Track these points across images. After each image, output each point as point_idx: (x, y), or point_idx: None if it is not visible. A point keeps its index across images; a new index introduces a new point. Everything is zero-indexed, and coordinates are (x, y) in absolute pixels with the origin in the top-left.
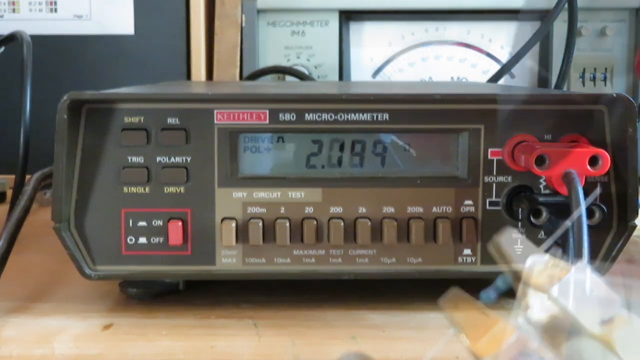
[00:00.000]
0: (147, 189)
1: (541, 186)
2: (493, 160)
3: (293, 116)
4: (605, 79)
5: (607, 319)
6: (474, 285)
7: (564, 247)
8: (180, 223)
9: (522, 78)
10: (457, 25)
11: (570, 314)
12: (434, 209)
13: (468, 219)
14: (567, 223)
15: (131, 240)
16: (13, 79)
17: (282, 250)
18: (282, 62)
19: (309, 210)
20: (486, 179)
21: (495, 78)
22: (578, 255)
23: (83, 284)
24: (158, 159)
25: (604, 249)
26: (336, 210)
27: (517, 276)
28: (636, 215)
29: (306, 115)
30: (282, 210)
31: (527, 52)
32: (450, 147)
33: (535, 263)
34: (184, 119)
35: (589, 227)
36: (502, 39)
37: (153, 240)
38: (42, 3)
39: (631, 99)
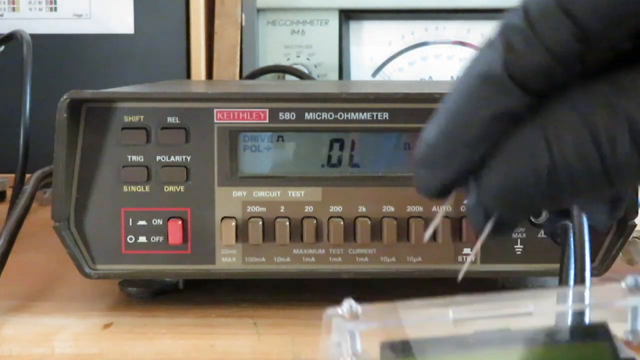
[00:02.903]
0: (147, 188)
1: None
2: None
3: (293, 115)
4: None
5: None
6: (473, 284)
7: (564, 247)
8: (180, 222)
9: None
10: (456, 24)
11: None
12: (434, 208)
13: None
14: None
15: (131, 239)
16: (13, 78)
17: (282, 249)
18: (282, 61)
19: (308, 209)
20: None
21: None
22: (579, 255)
23: (83, 283)
24: (158, 158)
25: (603, 249)
26: (336, 209)
27: None
28: (636, 214)
29: (306, 114)
30: (282, 209)
31: None
32: None
33: None
34: (183, 118)
35: (589, 226)
36: None
37: (153, 239)
38: (42, 2)
39: None
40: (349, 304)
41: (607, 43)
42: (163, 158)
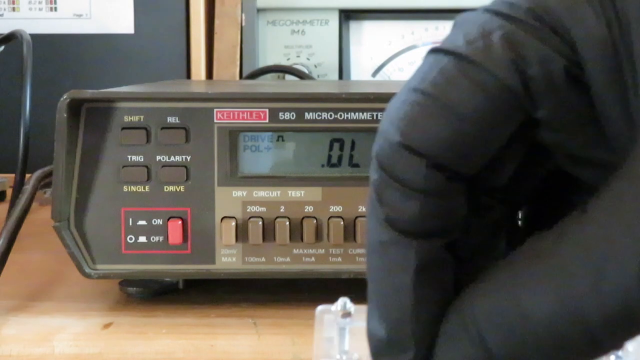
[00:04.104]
0: (147, 188)
1: None
2: None
3: (293, 115)
4: None
5: None
6: None
7: None
8: (180, 222)
9: None
10: None
11: None
12: None
13: None
14: None
15: (131, 239)
16: (13, 78)
17: (282, 249)
18: (282, 61)
19: (308, 209)
20: None
21: None
22: None
23: (83, 282)
24: (158, 157)
25: None
26: (336, 209)
27: None
28: None
29: (306, 114)
30: (282, 209)
31: None
32: None
33: None
34: (183, 118)
35: None
36: None
37: (153, 239)
38: (42, 2)
39: None
40: (343, 302)
41: (468, 165)
42: (163, 158)
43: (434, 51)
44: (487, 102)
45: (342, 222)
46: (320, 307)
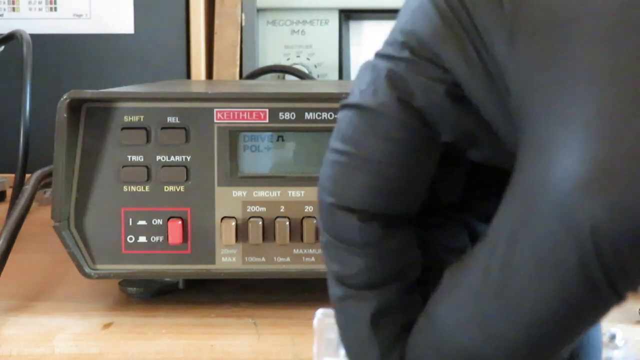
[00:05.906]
0: (147, 188)
1: None
2: None
3: (293, 115)
4: None
5: None
6: None
7: None
8: (180, 222)
9: None
10: None
11: None
12: None
13: None
14: None
15: (131, 239)
16: (13, 78)
17: (282, 249)
18: (282, 61)
19: (308, 209)
20: None
21: None
22: None
23: (83, 282)
24: (158, 157)
25: None
26: None
27: None
28: None
29: (306, 114)
30: (282, 209)
31: None
32: None
33: None
34: (183, 118)
35: None
36: None
37: (153, 239)
38: (42, 2)
39: None
40: None
41: (401, 207)
42: (163, 158)
43: (342, 107)
44: (392, 143)
45: None
46: (320, 310)
